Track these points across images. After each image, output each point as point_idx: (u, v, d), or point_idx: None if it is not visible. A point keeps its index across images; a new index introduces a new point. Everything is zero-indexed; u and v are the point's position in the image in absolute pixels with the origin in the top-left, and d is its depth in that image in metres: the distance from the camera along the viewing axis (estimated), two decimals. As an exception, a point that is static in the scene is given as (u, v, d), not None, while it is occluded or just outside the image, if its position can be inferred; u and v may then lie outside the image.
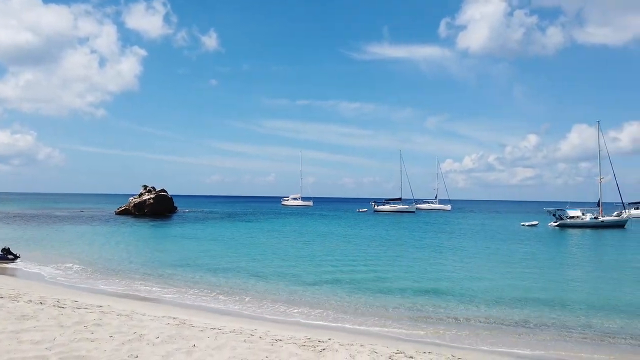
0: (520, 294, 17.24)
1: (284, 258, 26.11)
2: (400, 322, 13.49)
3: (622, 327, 13.11)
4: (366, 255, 27.94)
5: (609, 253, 32.39)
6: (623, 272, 23.04)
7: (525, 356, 10.57)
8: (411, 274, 21.26)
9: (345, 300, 16.08)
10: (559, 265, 25.30)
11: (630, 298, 16.86)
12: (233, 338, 9.52)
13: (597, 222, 54.48)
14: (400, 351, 9.62)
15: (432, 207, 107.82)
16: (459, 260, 26.21)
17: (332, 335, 10.98)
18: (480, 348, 11.14)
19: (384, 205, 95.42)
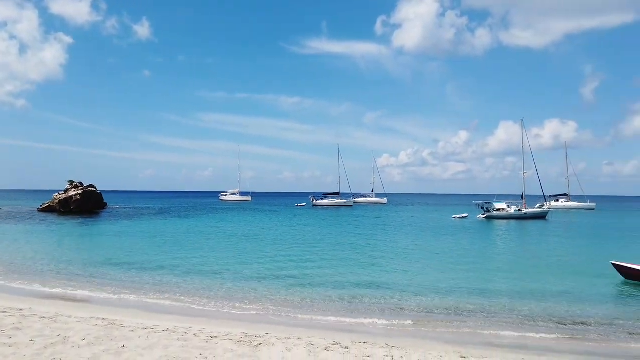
0: (451, 283, 18.03)
1: (220, 254, 25.64)
2: (337, 314, 13.69)
3: (542, 310, 14.09)
4: (303, 249, 28.05)
5: (530, 243, 34.65)
6: (542, 261, 24.76)
7: (454, 341, 11.06)
8: (347, 267, 21.62)
9: (283, 294, 16.07)
10: (486, 256, 26.75)
11: (548, 284, 18.15)
12: (166, 337, 9.22)
13: (521, 214, 58.12)
14: (337, 342, 9.75)
15: (369, 200, 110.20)
16: (393, 253, 26.99)
17: (269, 330, 10.93)
18: (413, 336, 11.53)
19: (322, 200, 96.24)
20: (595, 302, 15.24)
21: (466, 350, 9.86)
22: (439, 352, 9.43)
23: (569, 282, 18.47)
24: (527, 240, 36.31)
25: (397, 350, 9.25)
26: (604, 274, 19.29)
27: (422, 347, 9.96)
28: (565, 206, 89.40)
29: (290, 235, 37.08)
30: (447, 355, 9.14)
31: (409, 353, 9.12)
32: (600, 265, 20.45)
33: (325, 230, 42.17)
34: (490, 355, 9.37)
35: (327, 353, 8.81)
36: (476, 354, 9.48)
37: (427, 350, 9.56)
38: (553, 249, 29.49)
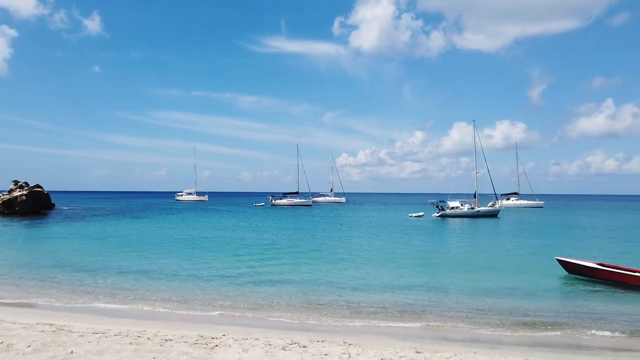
0: (406, 281, 18.38)
1: (175, 255, 25.07)
2: (295, 313, 13.68)
3: (493, 305, 14.59)
4: (260, 250, 27.85)
5: (482, 241, 35.81)
6: (493, 257, 25.65)
7: (410, 336, 11.27)
8: (305, 267, 21.65)
9: (240, 295, 15.88)
10: (440, 254, 27.47)
11: (498, 280, 18.82)
12: (118, 341, 8.93)
13: (473, 212, 60.05)
14: (295, 342, 9.75)
15: (327, 200, 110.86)
16: (350, 252, 27.23)
17: (226, 331, 10.78)
18: (370, 332, 11.69)
19: (281, 199, 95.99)
20: (542, 297, 15.94)
21: (421, 345, 10.08)
22: (395, 348, 9.59)
23: (518, 277, 19.22)
24: (479, 238, 37.52)
25: (354, 348, 9.35)
26: (550, 269, 20.20)
27: (379, 343, 10.10)
28: (515, 204, 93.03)
29: (248, 235, 36.74)
30: (402, 351, 9.31)
31: (365, 350, 9.23)
32: (547, 261, 21.39)
33: (283, 230, 42.03)
34: (444, 350, 9.62)
35: (285, 352, 8.79)
36: (430, 348, 9.71)
37: (383, 346, 9.71)
38: (503, 246, 30.62)
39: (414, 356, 8.85)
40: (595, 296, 15.96)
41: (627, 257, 23.11)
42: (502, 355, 9.20)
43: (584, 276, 18.64)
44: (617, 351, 10.39)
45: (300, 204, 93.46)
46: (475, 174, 65.61)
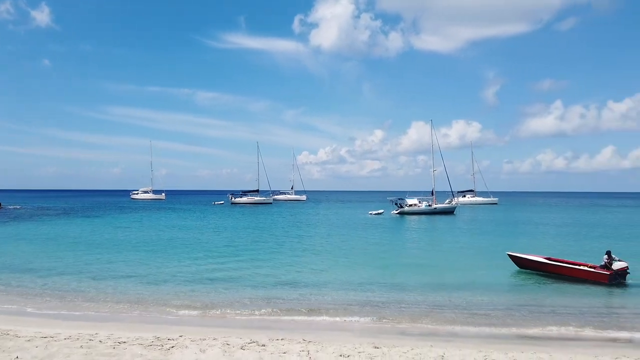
0: (366, 278, 18.58)
1: (130, 256, 24.32)
2: (255, 312, 13.57)
3: (449, 300, 14.97)
4: (219, 249, 27.47)
5: (439, 237, 36.67)
6: (450, 254, 26.34)
7: (369, 332, 11.38)
8: (265, 266, 21.51)
9: (199, 295, 15.61)
10: (398, 251, 27.93)
11: (454, 276, 19.35)
12: (67, 345, 8.57)
13: (431, 209, 61.39)
14: (254, 341, 9.65)
15: (288, 198, 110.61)
16: (310, 250, 27.27)
17: (183, 332, 10.55)
18: (329, 329, 11.73)
19: (241, 197, 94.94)
20: (495, 291, 16.47)
21: (379, 340, 10.20)
22: (354, 343, 9.66)
23: (472, 273, 19.80)
24: (436, 235, 38.40)
25: (313, 345, 9.35)
26: (502, 264, 20.90)
27: (338, 340, 10.15)
28: (471, 201, 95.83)
29: (206, 234, 36.14)
30: (361, 346, 9.39)
31: (324, 346, 9.25)
32: (499, 257, 22.11)
33: (242, 228, 41.60)
34: (402, 344, 9.77)
35: (243, 352, 8.69)
36: (388, 343, 9.84)
37: (342, 342, 9.76)
38: (459, 243, 31.48)
39: (372, 351, 8.94)
40: (544, 289, 16.64)
41: (574, 252, 24.24)
42: (457, 348, 9.44)
43: (533, 270, 19.41)
44: (565, 341, 10.86)
45: (261, 202, 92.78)
46: (433, 171, 67.20)
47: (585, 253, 22.97)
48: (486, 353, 8.95)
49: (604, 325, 12.49)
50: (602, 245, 24.06)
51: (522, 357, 8.66)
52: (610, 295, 15.72)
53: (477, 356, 8.71)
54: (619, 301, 15.11)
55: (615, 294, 15.88)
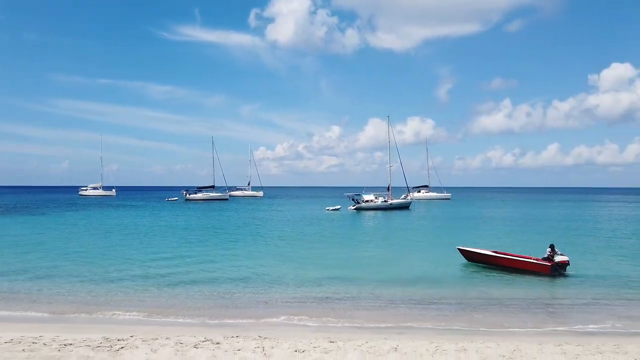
0: (322, 274, 18.65)
1: (77, 255, 23.33)
2: (210, 310, 13.35)
3: (403, 294, 15.28)
4: (172, 246, 26.86)
5: (395, 232, 37.33)
6: (404, 248, 26.92)
7: (325, 327, 11.45)
8: (219, 263, 21.24)
9: (151, 294, 15.22)
10: (356, 245, 28.23)
11: (408, 270, 19.79)
12: (8, 349, 8.13)
13: (387, 204, 62.44)
14: (208, 339, 9.51)
15: (245, 194, 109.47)
16: (266, 246, 27.13)
17: (134, 332, 10.24)
18: (285, 325, 11.71)
19: (196, 194, 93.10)
20: (447, 284, 16.98)
21: (335, 335, 10.28)
22: (310, 339, 9.69)
23: (425, 267, 20.31)
24: (391, 230, 39.10)
25: (269, 341, 9.31)
26: (453, 258, 21.53)
27: (294, 335, 10.15)
28: (426, 196, 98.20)
29: (158, 231, 35.24)
30: (317, 341, 9.43)
31: (280, 342, 9.23)
32: (451, 250, 22.75)
33: (196, 225, 40.84)
34: (357, 338, 9.88)
35: (196, 350, 8.53)
36: (344, 337, 9.93)
37: (298, 338, 9.77)
38: (413, 237, 32.21)
39: (327, 346, 9.00)
40: (492, 282, 17.27)
41: (520, 245, 25.32)
42: (410, 340, 9.65)
43: (481, 263, 20.13)
44: (511, 330, 11.32)
45: (216, 199, 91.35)
46: (389, 167, 68.29)
47: (531, 246, 24.02)
48: (438, 344, 9.20)
49: (547, 315, 13.16)
50: (547, 238, 25.23)
51: (471, 347, 8.96)
52: (553, 287, 16.51)
53: (429, 347, 8.93)
54: (561, 292, 15.91)
55: (557, 285, 16.70)
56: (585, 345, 9.27)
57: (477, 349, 8.78)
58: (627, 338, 10.37)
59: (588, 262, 20.98)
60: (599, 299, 14.66)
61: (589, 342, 9.62)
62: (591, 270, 19.09)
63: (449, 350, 8.68)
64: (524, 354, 8.47)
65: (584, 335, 10.73)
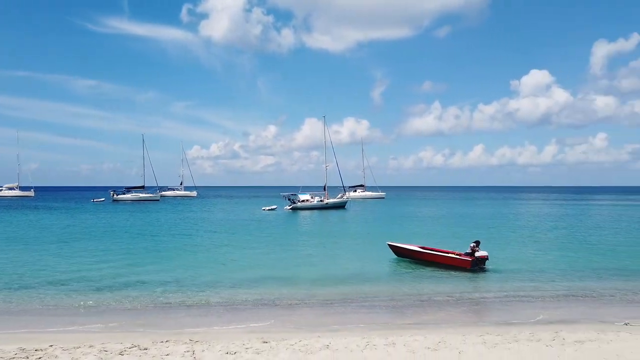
0: (258, 274, 18.55)
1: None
2: (139, 315, 12.84)
3: (338, 292, 15.52)
4: (96, 249, 25.45)
5: (330, 231, 37.81)
6: (339, 247, 27.33)
7: (259, 328, 11.37)
8: (150, 266, 20.52)
9: (74, 300, 14.36)
10: (291, 245, 28.27)
11: (342, 268, 20.14)
12: None
13: (323, 204, 63.07)
14: (135, 345, 9.14)
15: (177, 194, 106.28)
16: (199, 248, 26.50)
17: (55, 341, 9.63)
18: (218, 327, 11.50)
19: (124, 194, 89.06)
20: (379, 280, 17.49)
21: (269, 335, 10.24)
22: (243, 340, 9.59)
23: (359, 264, 20.78)
24: (327, 229, 39.54)
25: (200, 344, 9.11)
26: (384, 254, 22.21)
27: (227, 337, 10.00)
28: (361, 196, 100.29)
29: (81, 234, 33.33)
30: (250, 342, 9.35)
31: (211, 345, 9.06)
32: (383, 247, 23.40)
33: (123, 226, 39.07)
34: (291, 337, 9.90)
35: (121, 357, 8.18)
36: (277, 337, 9.92)
37: (231, 339, 9.64)
38: (348, 236, 32.81)
39: (260, 346, 8.96)
40: (420, 278, 17.94)
41: (447, 240, 26.51)
42: (343, 337, 9.82)
43: (409, 258, 20.95)
44: (437, 324, 11.84)
45: (147, 199, 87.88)
46: (325, 167, 69.01)
47: (456, 242, 25.21)
48: (369, 339, 9.43)
49: (471, 308, 13.92)
50: (472, 234, 26.67)
51: (399, 340, 9.27)
52: (476, 281, 17.43)
53: (360, 343, 9.14)
54: (483, 286, 16.82)
55: (479, 280, 17.65)
56: (504, 335, 9.89)
57: (405, 343, 9.10)
58: (542, 326, 11.18)
59: (508, 256, 22.37)
60: (518, 291, 15.69)
61: (507, 332, 10.27)
62: (510, 264, 20.39)
63: (378, 345, 8.93)
64: (448, 345, 8.89)
65: (503, 326, 11.43)
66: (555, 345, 8.90)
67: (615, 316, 12.28)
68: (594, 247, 26.18)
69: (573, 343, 9.07)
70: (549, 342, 9.14)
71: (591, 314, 12.83)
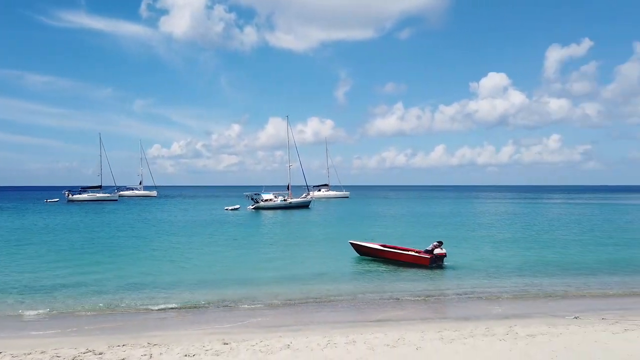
0: (220, 275, 18.35)
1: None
2: (97, 319, 12.47)
3: (300, 291, 15.52)
4: (47, 252, 24.44)
5: (293, 231, 37.75)
6: (302, 246, 27.35)
7: (219, 329, 11.23)
8: (106, 268, 19.93)
9: (26, 304, 13.77)
10: (254, 245, 28.04)
11: (306, 267, 20.20)
12: None
13: (286, 203, 62.88)
14: (90, 350, 8.88)
15: (136, 194, 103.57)
16: (159, 248, 25.90)
17: (5, 348, 9.23)
18: (177, 329, 11.29)
19: (80, 194, 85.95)
20: (341, 279, 17.62)
21: (230, 336, 10.15)
22: (203, 342, 9.47)
23: (322, 263, 20.87)
24: (290, 229, 39.49)
25: (158, 347, 8.94)
26: (347, 252, 22.42)
27: (186, 339, 9.84)
28: (325, 195, 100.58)
29: (33, 237, 31.96)
30: (210, 344, 9.25)
31: (170, 348, 8.90)
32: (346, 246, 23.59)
33: (78, 228, 37.67)
34: (252, 338, 9.85)
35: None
36: (238, 338, 9.85)
37: (190, 342, 9.50)
38: (311, 235, 32.87)
39: (220, 348, 8.87)
40: (382, 276, 18.22)
41: (407, 238, 27.01)
42: (304, 336, 9.85)
43: (371, 257, 21.23)
44: (398, 321, 12.04)
45: (104, 199, 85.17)
46: (289, 167, 68.82)
47: (417, 239, 25.73)
48: (330, 338, 9.50)
49: (431, 304, 14.22)
50: (431, 232, 27.27)
51: (360, 338, 9.39)
52: (435, 278, 17.80)
53: (321, 341, 9.19)
54: (443, 283, 17.22)
55: (438, 277, 18.04)
56: (461, 330, 10.17)
57: (366, 340, 9.22)
58: (497, 321, 11.55)
59: (466, 254, 22.99)
60: (475, 287, 16.15)
61: (464, 327, 10.56)
62: (468, 261, 20.96)
63: (339, 344, 9.01)
64: (406, 342, 9.06)
65: (460, 321, 11.75)
66: (508, 340, 9.22)
67: (565, 310, 12.85)
68: (547, 244, 27.25)
69: (525, 337, 9.43)
70: (503, 337, 9.47)
71: (544, 309, 13.37)
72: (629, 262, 21.34)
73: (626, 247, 25.82)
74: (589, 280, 17.43)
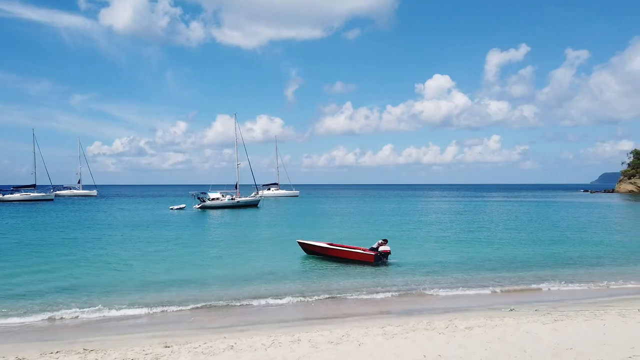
0: (164, 276, 17.85)
1: None
2: (28, 324, 11.83)
3: (249, 291, 15.39)
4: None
5: (241, 230, 37.24)
6: (250, 246, 27.07)
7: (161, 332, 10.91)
8: (39, 271, 18.91)
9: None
10: (200, 245, 27.46)
11: (254, 267, 20.03)
12: None
13: (234, 202, 61.97)
14: (20, 358, 8.49)
15: (75, 193, 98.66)
16: (96, 251, 24.69)
17: None
18: (119, 333, 10.89)
19: (12, 194, 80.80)
20: (289, 278, 17.58)
21: (172, 339, 9.91)
22: (142, 346, 9.18)
23: (270, 262, 20.79)
24: (237, 228, 38.97)
25: (94, 354, 8.57)
26: (295, 251, 22.45)
27: (125, 344, 9.51)
28: (275, 194, 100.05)
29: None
30: (150, 347, 8.98)
31: (108, 353, 8.57)
32: (294, 245, 23.61)
33: (11, 230, 35.46)
34: (195, 340, 9.66)
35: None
36: (181, 340, 9.64)
37: (129, 347, 9.18)
38: (259, 234, 32.62)
39: (161, 351, 8.63)
40: (329, 274, 18.35)
41: (354, 236, 27.42)
42: (249, 336, 9.78)
43: (319, 255, 21.38)
44: (344, 318, 12.20)
45: (39, 199, 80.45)
46: (237, 165, 67.86)
47: (364, 237, 26.18)
48: (275, 337, 9.47)
49: (375, 301, 14.48)
50: (378, 230, 27.79)
51: (305, 337, 9.43)
52: (379, 275, 18.16)
53: (266, 341, 9.15)
54: (387, 280, 17.57)
55: (383, 274, 18.40)
56: (403, 325, 10.44)
57: (310, 338, 9.26)
58: (438, 315, 11.97)
59: (409, 251, 23.63)
60: (419, 284, 16.62)
61: (406, 322, 10.86)
62: (412, 258, 21.55)
63: (283, 343, 9.00)
64: (351, 338, 9.19)
65: (403, 317, 12.07)
66: (447, 332, 9.56)
67: (502, 303, 13.52)
68: (486, 241, 28.47)
69: (463, 329, 9.82)
70: (443, 330, 9.80)
71: (483, 302, 14.00)
72: (561, 256, 22.71)
73: (559, 243, 27.44)
74: (525, 274, 18.38)
